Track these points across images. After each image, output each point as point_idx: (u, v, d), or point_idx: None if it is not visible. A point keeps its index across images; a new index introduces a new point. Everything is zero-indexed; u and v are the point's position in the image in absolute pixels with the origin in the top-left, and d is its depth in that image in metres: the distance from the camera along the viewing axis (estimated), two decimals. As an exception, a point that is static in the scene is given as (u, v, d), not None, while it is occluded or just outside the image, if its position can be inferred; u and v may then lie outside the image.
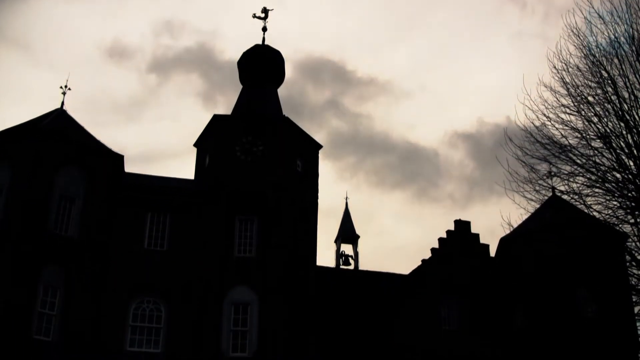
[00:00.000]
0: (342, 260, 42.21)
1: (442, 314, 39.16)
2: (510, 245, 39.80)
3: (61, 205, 32.19)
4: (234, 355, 31.79)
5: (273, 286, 32.69)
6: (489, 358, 38.41)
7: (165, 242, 33.83)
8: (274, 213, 34.12)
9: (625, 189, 19.46)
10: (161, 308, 32.64)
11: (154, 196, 34.55)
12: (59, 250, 31.27)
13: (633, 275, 19.50)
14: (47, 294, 30.63)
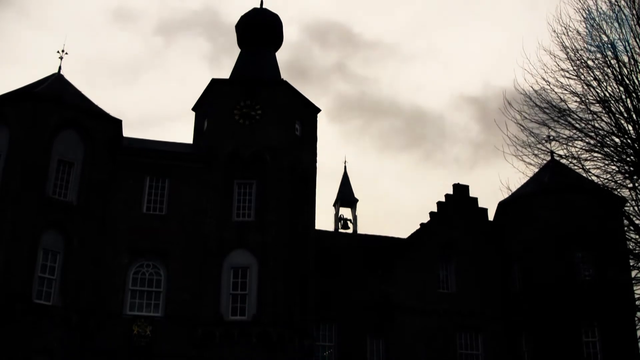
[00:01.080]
0: (340, 223, 42.32)
1: (441, 276, 39.43)
2: (508, 209, 39.90)
3: (60, 170, 32.18)
4: (233, 318, 31.99)
5: (272, 250, 32.79)
6: (487, 319, 38.72)
7: (164, 206, 33.87)
8: (272, 177, 34.13)
9: (624, 154, 19.45)
10: (160, 272, 32.79)
11: (152, 160, 34.53)
12: (58, 214, 31.31)
13: (630, 240, 19.57)
14: (47, 259, 30.75)
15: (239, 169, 34.48)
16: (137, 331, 31.10)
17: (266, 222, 33.29)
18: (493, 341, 38.41)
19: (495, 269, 39.79)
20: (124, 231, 32.83)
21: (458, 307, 38.40)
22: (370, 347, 37.10)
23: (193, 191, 34.07)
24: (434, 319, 37.99)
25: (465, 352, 38.18)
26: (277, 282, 32.33)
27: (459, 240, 39.86)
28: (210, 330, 31.43)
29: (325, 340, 36.64)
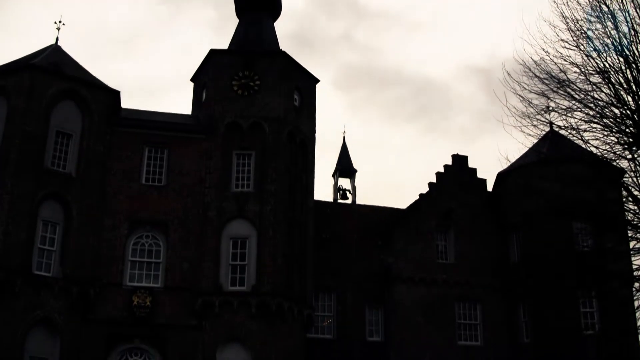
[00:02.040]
0: (339, 194, 42.35)
1: (439, 247, 39.57)
2: (507, 180, 39.97)
3: (58, 141, 32.18)
4: (232, 289, 32.17)
5: (271, 220, 32.87)
6: (486, 290, 38.92)
7: (163, 177, 33.91)
8: (271, 147, 34.13)
9: (623, 125, 19.42)
10: (160, 243, 32.89)
11: (151, 131, 34.51)
12: (57, 186, 31.35)
13: (629, 211, 19.61)
14: (47, 230, 30.85)
15: (237, 139, 34.48)
16: (137, 302, 31.28)
17: (265, 192, 33.35)
18: (491, 311, 38.65)
19: (494, 239, 39.95)
20: (123, 202, 32.91)
21: (456, 277, 38.63)
22: (369, 316, 37.37)
23: (192, 162, 34.09)
24: (432, 289, 38.21)
25: (464, 322, 38.42)
26: (276, 252, 32.45)
27: (457, 210, 39.95)
28: (209, 300, 31.61)
29: (325, 310, 36.87)
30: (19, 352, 28.59)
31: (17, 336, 28.61)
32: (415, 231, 39.13)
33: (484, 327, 38.42)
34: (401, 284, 37.92)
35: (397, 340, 36.85)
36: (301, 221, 34.62)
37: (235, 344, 31.51)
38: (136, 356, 31.32)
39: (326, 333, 36.62)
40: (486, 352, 37.90)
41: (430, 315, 37.72)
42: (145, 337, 31.36)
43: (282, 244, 32.93)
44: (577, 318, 35.96)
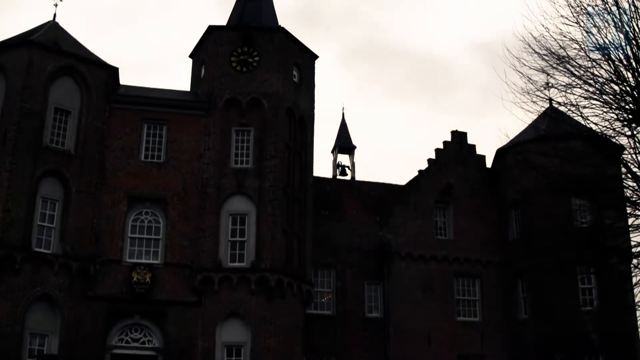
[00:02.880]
0: (339, 170, 42.39)
1: (438, 223, 39.69)
2: (506, 156, 39.97)
3: (57, 118, 32.13)
4: (232, 265, 32.25)
5: (270, 196, 32.90)
6: (484, 266, 39.08)
7: (162, 153, 33.88)
8: (270, 123, 34.08)
9: (623, 101, 19.38)
10: (159, 219, 32.93)
11: (150, 108, 34.44)
12: (56, 163, 31.34)
13: (628, 187, 19.61)
14: (46, 207, 30.89)
15: (236, 115, 34.43)
16: (136, 278, 31.38)
17: (264, 168, 33.35)
18: (490, 287, 38.86)
19: (493, 215, 40.07)
20: (122, 179, 32.92)
21: (455, 254, 38.80)
22: (368, 293, 37.52)
23: (191, 138, 34.07)
24: (431, 265, 38.40)
25: (463, 297, 38.63)
26: (275, 228, 32.51)
27: (456, 187, 40.03)
28: (209, 276, 31.71)
29: (324, 287, 37.02)
30: (20, 329, 28.73)
31: (17, 313, 28.75)
32: (414, 207, 39.23)
33: (483, 303, 38.64)
34: (400, 260, 38.10)
35: (396, 316, 37.06)
36: (300, 197, 34.67)
37: (235, 320, 31.65)
38: (136, 332, 31.47)
39: (325, 309, 36.79)
40: (485, 327, 38.13)
41: (429, 292, 37.93)
42: (145, 313, 31.50)
43: (281, 220, 32.99)
44: (575, 294, 36.13)
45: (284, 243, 32.97)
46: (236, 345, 31.41)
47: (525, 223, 38.26)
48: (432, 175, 40.20)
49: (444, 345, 37.07)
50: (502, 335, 38.19)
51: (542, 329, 36.46)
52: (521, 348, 37.49)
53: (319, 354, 35.64)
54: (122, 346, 31.25)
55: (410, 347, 36.72)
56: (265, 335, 31.19)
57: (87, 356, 30.16)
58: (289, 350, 31.76)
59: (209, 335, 31.24)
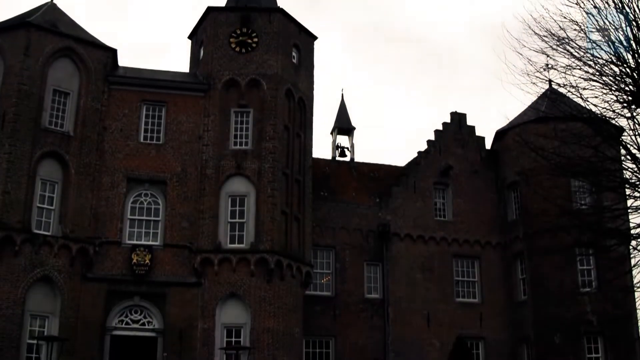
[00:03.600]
0: (338, 152, 42.40)
1: (438, 204, 39.75)
2: (505, 137, 40.00)
3: (55, 100, 32.08)
4: (231, 246, 32.30)
5: (269, 178, 32.89)
6: (483, 247, 39.18)
7: (161, 135, 33.85)
8: (269, 104, 34.02)
9: (623, 83, 19.33)
10: (159, 201, 32.94)
11: (148, 89, 34.38)
12: (55, 145, 31.31)
13: (627, 169, 19.60)
14: (45, 189, 30.90)
15: (235, 96, 34.37)
16: (136, 260, 31.44)
17: (263, 149, 33.31)
18: (489, 268, 38.99)
19: (492, 196, 40.16)
20: (122, 160, 32.90)
21: (454, 235, 38.92)
22: (367, 274, 37.61)
23: (190, 119, 34.03)
24: (430, 247, 38.52)
25: (462, 279, 38.75)
26: (274, 210, 32.53)
27: (456, 168, 40.07)
28: (208, 257, 31.76)
29: (323, 268, 37.11)
30: (20, 310, 28.83)
31: (17, 294, 28.84)
32: (414, 189, 39.28)
33: (482, 284, 38.79)
34: (399, 241, 38.19)
35: (396, 297, 37.19)
36: (299, 179, 34.67)
37: (235, 301, 31.73)
38: (136, 313, 31.58)
39: (325, 290, 36.89)
40: (484, 308, 38.28)
41: (429, 273, 38.07)
42: (145, 294, 31.60)
43: (280, 201, 33.01)
44: (574, 276, 36.23)
45: (283, 224, 33.02)
46: (236, 326, 31.51)
47: (525, 204, 38.32)
48: (431, 157, 40.24)
49: (443, 326, 37.24)
50: (501, 316, 38.35)
51: (541, 310, 36.60)
52: (520, 329, 37.66)
53: (318, 335, 35.79)
54: (122, 327, 31.37)
55: (410, 328, 36.91)
56: (265, 316, 31.30)
57: (87, 338, 30.28)
58: (288, 331, 31.88)
59: (209, 316, 31.34)
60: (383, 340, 36.57)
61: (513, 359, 37.93)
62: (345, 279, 36.95)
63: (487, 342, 37.92)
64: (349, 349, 36.07)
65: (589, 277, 36.47)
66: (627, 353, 35.72)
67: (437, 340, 37.01)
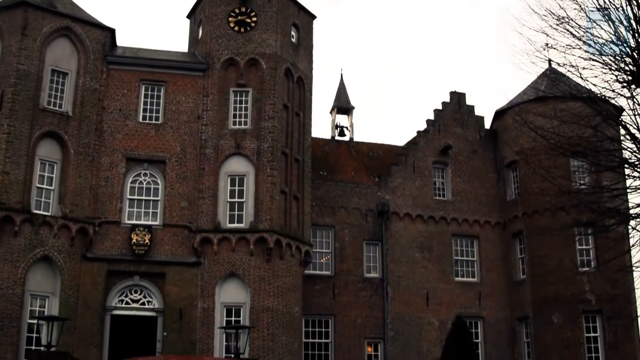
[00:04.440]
0: (337, 131, 42.38)
1: (437, 184, 39.77)
2: (505, 117, 39.98)
3: (54, 80, 31.98)
4: (230, 226, 32.33)
5: (268, 157, 32.86)
6: (482, 226, 39.25)
7: (160, 114, 33.77)
8: (268, 84, 33.94)
9: (623, 62, 19.26)
10: (158, 181, 32.92)
11: (147, 69, 34.25)
12: (54, 125, 31.25)
13: (626, 149, 19.57)
14: (45, 169, 30.89)
15: (234, 76, 34.27)
16: (135, 239, 31.47)
17: (262, 129, 33.26)
18: (488, 248, 39.11)
19: (491, 176, 40.21)
20: (120, 140, 32.84)
21: (454, 214, 39.00)
22: (366, 253, 37.70)
23: (189, 99, 33.95)
24: (429, 226, 38.60)
25: (461, 258, 38.86)
26: (273, 189, 32.54)
27: (455, 147, 40.07)
28: (208, 237, 31.80)
29: (322, 247, 37.17)
30: (20, 290, 28.92)
31: (18, 274, 28.93)
32: (413, 168, 39.30)
33: (481, 263, 38.92)
34: (399, 220, 38.26)
35: (395, 277, 37.30)
36: (299, 158, 34.64)
37: (234, 280, 31.81)
38: (136, 293, 31.67)
39: (324, 269, 36.98)
40: (482, 288, 38.43)
41: (428, 252, 38.19)
42: (145, 274, 31.67)
43: (279, 181, 33.01)
44: (573, 255, 36.32)
45: (282, 204, 33.04)
46: (235, 306, 31.61)
47: (524, 184, 38.36)
48: (430, 136, 40.24)
49: (442, 305, 37.43)
50: (500, 295, 38.52)
51: (539, 290, 36.75)
52: (519, 308, 37.81)
53: (317, 314, 35.93)
54: (122, 307, 31.47)
55: (409, 307, 37.08)
56: (264, 295, 31.39)
57: (88, 317, 30.37)
58: (288, 310, 31.98)
59: (208, 295, 31.42)
60: (382, 319, 36.71)
61: (512, 338, 38.13)
62: (344, 258, 37.04)
63: (486, 321, 38.09)
64: (348, 327, 36.22)
65: (588, 256, 36.57)
66: (625, 332, 35.91)
67: (436, 320, 37.20)
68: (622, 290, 35.63)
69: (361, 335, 36.37)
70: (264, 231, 31.82)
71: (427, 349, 36.69)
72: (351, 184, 38.41)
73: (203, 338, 31.03)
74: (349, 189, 38.18)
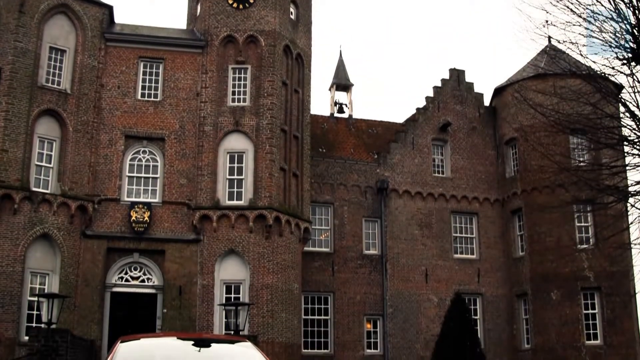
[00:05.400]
0: (336, 108, 42.33)
1: (436, 160, 39.78)
2: (504, 94, 39.91)
3: (52, 57, 31.87)
4: (230, 203, 32.36)
5: (267, 134, 32.84)
6: (481, 203, 39.28)
7: (159, 92, 33.71)
8: (267, 61, 33.84)
9: (623, 39, 19.21)
10: (157, 158, 32.92)
11: (145, 46, 34.15)
12: (53, 102, 31.19)
13: (626, 126, 19.56)
14: (43, 147, 30.87)
15: (233, 53, 34.16)
16: (135, 217, 31.52)
17: (261, 106, 33.21)
18: (487, 225, 39.18)
19: (490, 153, 40.22)
20: (119, 117, 32.80)
21: (453, 191, 39.04)
22: (365, 230, 37.77)
23: (187, 76, 33.87)
24: (428, 203, 38.64)
25: (460, 235, 38.94)
26: (272, 166, 32.54)
27: (454, 124, 40.06)
28: (207, 214, 31.84)
29: (322, 224, 37.24)
30: (20, 267, 29.01)
31: (17, 252, 29.01)
32: (412, 145, 39.29)
33: (480, 240, 38.99)
34: (398, 197, 38.30)
35: (394, 253, 37.40)
36: (298, 135, 34.61)
37: (233, 257, 31.91)
38: (135, 270, 31.77)
39: (323, 246, 37.07)
40: (481, 265, 38.54)
41: (427, 229, 38.27)
42: (144, 251, 31.76)
43: (278, 158, 33.01)
44: (572, 232, 36.41)
45: (281, 181, 33.07)
46: (235, 283, 31.73)
47: (523, 161, 38.38)
48: (429, 113, 40.20)
49: (441, 282, 37.58)
50: (498, 272, 38.66)
51: (538, 266, 36.88)
52: (518, 285, 37.95)
53: (317, 290, 36.07)
54: (121, 284, 31.59)
55: (408, 283, 37.22)
56: (264, 272, 31.50)
57: (88, 295, 30.49)
58: (287, 287, 32.09)
59: (208, 272, 31.52)
60: (381, 295, 36.86)
61: (510, 314, 38.31)
62: (343, 235, 37.13)
63: (485, 298, 38.26)
64: (348, 304, 36.37)
65: (587, 233, 36.66)
66: (623, 309, 36.07)
67: (435, 296, 37.35)
68: (620, 267, 35.77)
69: (360, 312, 36.54)
70: (263, 208, 31.87)
71: (425, 326, 36.87)
72: (350, 161, 38.41)
73: (203, 315, 31.16)
74: (348, 166, 38.19)
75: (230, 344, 10.67)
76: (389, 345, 36.37)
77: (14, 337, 28.49)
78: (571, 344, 35.58)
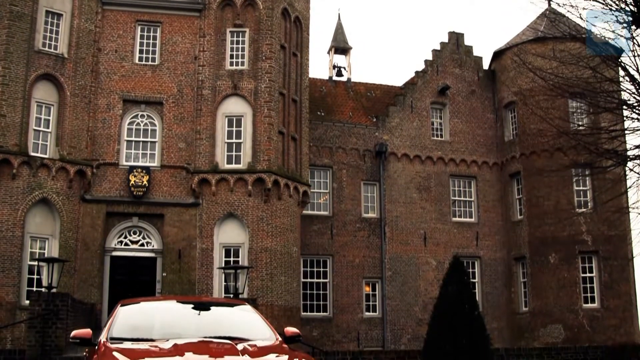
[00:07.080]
0: (335, 71, 42.18)
1: (435, 124, 39.75)
2: (503, 57, 39.76)
3: (48, 22, 31.62)
4: (228, 167, 32.36)
5: (265, 98, 32.75)
6: (480, 167, 39.31)
7: (157, 56, 33.53)
8: (265, 24, 33.62)
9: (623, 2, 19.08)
10: (155, 122, 32.85)
11: (142, 9, 33.87)
12: (50, 66, 31.02)
13: (625, 90, 19.51)
14: (41, 112, 30.77)
15: (231, 16, 33.93)
16: (134, 181, 31.53)
17: (259, 69, 33.08)
18: (486, 188, 39.27)
19: (489, 116, 40.18)
20: (117, 82, 32.67)
21: (451, 155, 39.05)
22: (364, 193, 37.84)
23: (185, 40, 33.68)
24: (427, 166, 38.66)
25: (458, 198, 39.01)
26: (271, 130, 32.49)
27: (453, 88, 39.95)
28: (206, 178, 31.86)
29: (320, 187, 37.30)
30: (20, 232, 29.09)
31: (17, 217, 29.07)
32: (411, 108, 39.22)
33: (478, 203, 39.09)
34: (396, 161, 38.32)
35: (392, 217, 37.50)
36: (296, 99, 34.53)
37: (232, 221, 31.98)
38: (135, 234, 31.86)
39: (322, 210, 37.16)
40: (480, 228, 38.66)
41: (425, 192, 38.34)
42: (143, 215, 31.84)
43: (277, 121, 32.95)
44: (570, 196, 36.49)
45: (280, 144, 33.05)
46: (234, 246, 31.84)
47: (522, 124, 38.34)
48: (428, 76, 40.07)
49: (440, 246, 37.73)
50: (497, 235, 38.81)
51: (536, 230, 37.02)
52: (516, 248, 38.12)
53: (316, 254, 36.23)
54: (121, 248, 31.70)
55: (406, 247, 37.38)
56: (263, 235, 31.59)
57: (88, 259, 30.62)
58: (286, 251, 32.22)
59: (207, 236, 31.62)
60: (380, 259, 37.03)
61: (509, 277, 38.53)
62: (342, 199, 37.21)
63: (483, 261, 38.45)
64: (346, 267, 36.55)
65: (585, 197, 36.76)
66: (620, 273, 36.28)
67: (434, 259, 37.54)
68: (618, 232, 35.91)
69: (359, 275, 36.73)
70: (262, 172, 31.89)
71: (424, 289, 37.09)
72: (349, 125, 38.36)
73: (202, 278, 31.32)
74: (347, 130, 38.15)
75: (229, 307, 10.79)
76: (388, 308, 36.61)
77: (15, 301, 28.66)
78: (569, 307, 35.84)
